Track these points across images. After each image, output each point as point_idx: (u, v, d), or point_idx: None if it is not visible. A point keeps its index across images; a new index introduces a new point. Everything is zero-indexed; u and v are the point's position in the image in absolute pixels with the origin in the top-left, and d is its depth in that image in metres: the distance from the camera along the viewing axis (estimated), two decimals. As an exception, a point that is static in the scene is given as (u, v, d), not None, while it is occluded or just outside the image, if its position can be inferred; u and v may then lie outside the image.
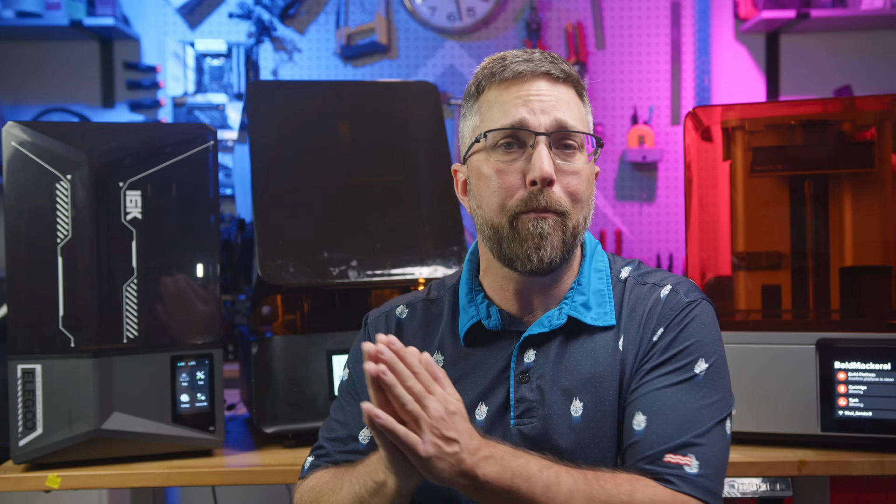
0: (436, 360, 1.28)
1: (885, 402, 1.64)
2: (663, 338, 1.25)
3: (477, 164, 1.26)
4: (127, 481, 1.68)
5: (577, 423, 1.23)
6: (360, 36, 3.75)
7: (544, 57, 1.25)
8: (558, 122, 1.22)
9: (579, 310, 1.27)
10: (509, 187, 1.22)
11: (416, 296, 1.40)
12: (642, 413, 1.20)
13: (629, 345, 1.26)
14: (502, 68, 1.25)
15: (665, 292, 1.28)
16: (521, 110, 1.22)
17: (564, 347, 1.26)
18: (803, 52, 3.79)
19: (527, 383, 1.25)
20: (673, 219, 3.78)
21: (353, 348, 1.41)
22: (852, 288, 1.74)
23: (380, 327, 1.38)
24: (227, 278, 2.03)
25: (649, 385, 1.22)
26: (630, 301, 1.30)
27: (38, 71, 3.74)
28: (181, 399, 1.72)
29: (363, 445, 1.33)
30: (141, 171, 1.69)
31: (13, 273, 1.64)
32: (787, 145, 1.81)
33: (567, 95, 1.25)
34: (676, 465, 1.16)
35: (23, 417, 1.64)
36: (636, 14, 3.79)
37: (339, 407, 1.38)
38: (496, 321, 1.28)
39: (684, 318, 1.26)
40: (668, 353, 1.24)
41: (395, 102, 2.01)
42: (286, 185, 1.84)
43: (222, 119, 3.73)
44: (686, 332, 1.25)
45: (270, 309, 1.98)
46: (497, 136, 1.23)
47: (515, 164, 1.22)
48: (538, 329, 1.26)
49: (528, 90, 1.23)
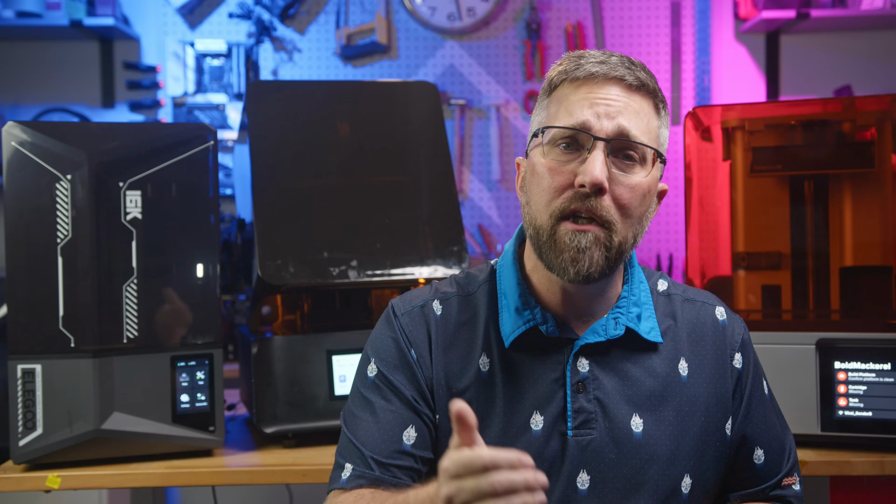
0: (481, 364, 1.24)
1: (885, 402, 1.64)
2: (745, 366, 1.31)
3: (534, 160, 1.21)
4: (127, 481, 1.68)
5: (638, 438, 1.21)
6: (360, 36, 3.75)
7: (621, 61, 1.19)
8: (621, 129, 1.16)
9: (635, 322, 1.25)
10: (558, 187, 1.16)
11: (446, 290, 1.31)
12: (759, 447, 1.31)
13: (699, 369, 1.27)
14: (576, 67, 1.19)
15: (722, 314, 1.32)
16: (586, 112, 1.16)
17: (623, 360, 1.24)
18: (803, 52, 3.79)
19: (583, 393, 1.21)
20: (673, 219, 3.78)
21: (379, 339, 1.29)
22: (852, 288, 1.74)
23: (417, 323, 1.27)
24: (227, 278, 2.03)
25: (751, 417, 1.30)
26: (686, 321, 1.29)
27: (38, 71, 3.74)
28: (181, 399, 1.72)
29: (407, 447, 1.23)
30: (141, 171, 1.69)
31: (13, 273, 1.64)
32: (787, 145, 1.81)
33: (638, 105, 1.18)
34: (788, 486, 1.32)
35: (23, 417, 1.64)
36: (636, 14, 3.79)
37: (364, 404, 1.26)
38: (553, 327, 1.23)
39: (748, 342, 1.33)
40: (749, 379, 1.31)
41: (395, 102, 2.01)
42: (286, 185, 1.84)
43: (222, 119, 3.73)
44: (753, 356, 1.33)
45: (270, 309, 1.99)
46: (556, 134, 1.18)
47: (569, 164, 1.17)
48: (594, 338, 1.22)
49: (598, 93, 1.17)
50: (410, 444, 1.22)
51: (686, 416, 1.24)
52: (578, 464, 1.20)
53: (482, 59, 3.77)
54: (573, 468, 1.20)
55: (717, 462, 1.27)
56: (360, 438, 1.24)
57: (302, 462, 1.70)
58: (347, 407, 1.29)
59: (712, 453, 1.26)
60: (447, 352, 1.25)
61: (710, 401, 1.26)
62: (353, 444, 1.24)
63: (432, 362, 1.25)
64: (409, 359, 1.26)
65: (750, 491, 1.31)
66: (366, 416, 1.25)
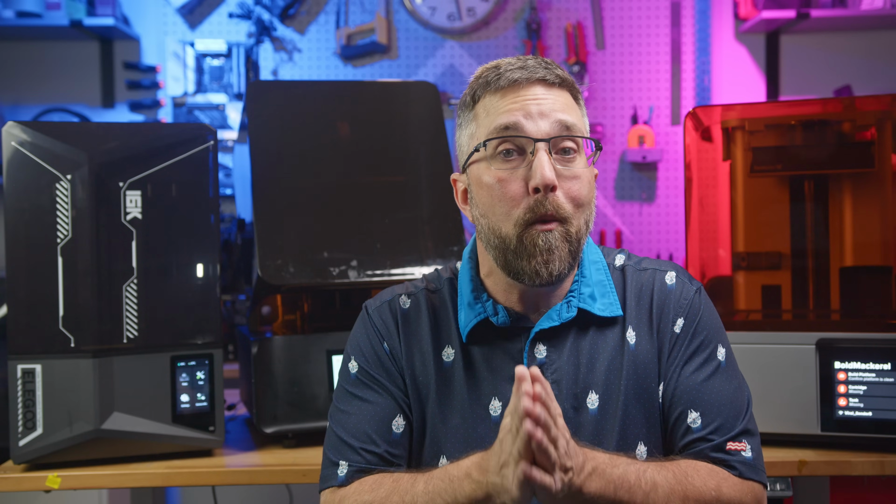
0: (445, 356, 1.30)
1: (885, 402, 1.64)
2: (685, 329, 1.29)
3: (477, 173, 1.25)
4: (127, 481, 1.68)
5: (594, 415, 1.25)
6: (360, 36, 3.75)
7: (538, 63, 1.24)
8: (556, 126, 1.21)
9: (587, 301, 1.29)
10: (513, 196, 1.21)
11: (416, 286, 1.37)
12: (694, 410, 1.26)
13: (643, 335, 1.29)
14: (497, 76, 1.24)
15: (671, 279, 1.32)
16: (517, 115, 1.21)
17: (577, 340, 1.28)
18: (803, 52, 3.79)
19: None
20: (673, 219, 3.78)
21: (355, 338, 1.35)
22: (852, 288, 1.74)
23: (385, 316, 1.34)
24: (227, 278, 2.03)
25: (689, 380, 1.27)
26: (634, 289, 1.32)
27: (38, 71, 3.74)
28: (181, 399, 1.72)
29: (397, 435, 1.28)
30: (141, 171, 1.69)
31: (13, 273, 1.64)
32: (787, 145, 1.81)
33: (563, 99, 1.24)
34: (737, 452, 1.25)
35: (23, 417, 1.64)
36: (636, 14, 3.79)
37: (350, 400, 1.31)
38: (504, 318, 1.28)
39: (698, 307, 1.31)
40: (693, 344, 1.29)
41: (395, 102, 2.01)
42: (286, 185, 1.84)
43: (222, 119, 3.73)
44: (702, 322, 1.31)
45: (270, 309, 1.98)
46: (496, 143, 1.22)
47: (517, 171, 1.21)
48: (548, 323, 1.27)
49: (525, 96, 1.22)
50: (400, 432, 1.29)
51: (634, 384, 1.27)
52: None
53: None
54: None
55: (655, 425, 1.28)
56: (350, 432, 1.28)
57: (302, 462, 1.70)
58: (334, 405, 1.34)
59: (657, 417, 1.28)
60: (413, 342, 1.32)
61: (650, 364, 1.28)
62: (343, 441, 1.29)
63: (402, 352, 1.31)
64: (383, 352, 1.32)
65: (690, 452, 1.27)
66: (354, 411, 1.30)
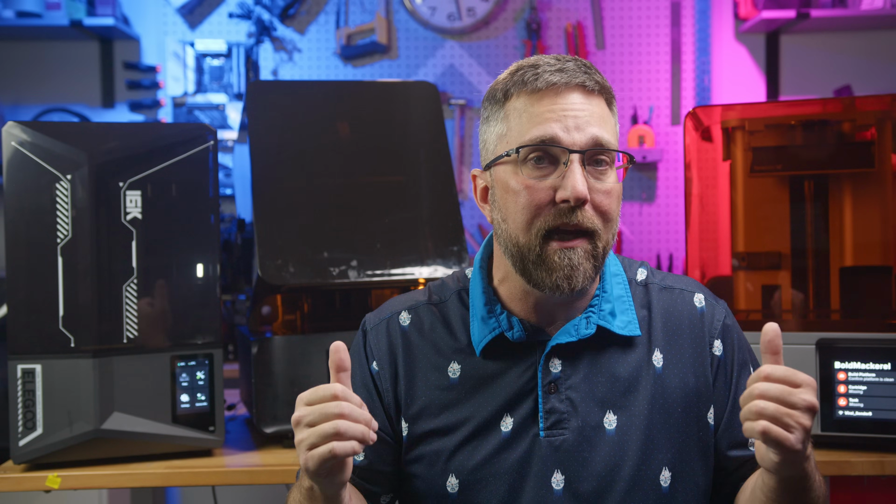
0: (452, 371, 1.26)
1: (885, 402, 1.64)
2: (725, 352, 1.28)
3: (504, 176, 1.20)
4: (127, 481, 1.68)
5: (611, 436, 1.21)
6: (360, 36, 3.75)
7: (578, 67, 1.18)
8: (593, 139, 1.16)
9: (607, 319, 1.24)
10: (539, 204, 1.16)
11: (417, 299, 1.33)
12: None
13: (673, 359, 1.25)
14: (535, 77, 1.17)
15: (700, 301, 1.30)
16: (555, 126, 1.16)
17: (595, 357, 1.24)
18: (803, 52, 3.79)
19: (555, 393, 1.22)
20: (673, 219, 3.78)
21: (350, 352, 1.32)
22: (852, 288, 1.74)
23: (381, 336, 1.31)
24: (227, 278, 2.03)
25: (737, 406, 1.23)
26: (660, 310, 1.28)
27: (38, 71, 3.74)
28: (181, 399, 1.72)
29: (356, 461, 1.26)
30: (141, 171, 1.69)
31: (13, 273, 1.64)
32: (787, 145, 1.81)
33: (600, 109, 1.19)
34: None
35: (23, 417, 1.64)
36: (636, 14, 3.79)
37: None
38: (520, 332, 1.23)
39: (731, 326, 1.31)
40: (734, 367, 1.29)
41: (395, 102, 2.01)
42: (286, 185, 1.84)
43: (222, 119, 3.73)
44: (737, 342, 1.30)
45: (270, 309, 1.98)
46: (528, 150, 1.17)
47: (546, 180, 1.16)
48: (565, 338, 1.22)
49: (562, 104, 1.17)
50: (358, 459, 1.26)
51: (660, 409, 1.23)
52: (552, 464, 1.20)
53: (482, 59, 3.77)
54: (547, 469, 1.20)
55: (704, 453, 1.25)
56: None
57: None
58: None
59: (695, 444, 1.24)
60: (413, 362, 1.28)
61: (689, 391, 1.25)
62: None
63: (397, 375, 1.28)
64: (367, 373, 1.30)
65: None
66: None
